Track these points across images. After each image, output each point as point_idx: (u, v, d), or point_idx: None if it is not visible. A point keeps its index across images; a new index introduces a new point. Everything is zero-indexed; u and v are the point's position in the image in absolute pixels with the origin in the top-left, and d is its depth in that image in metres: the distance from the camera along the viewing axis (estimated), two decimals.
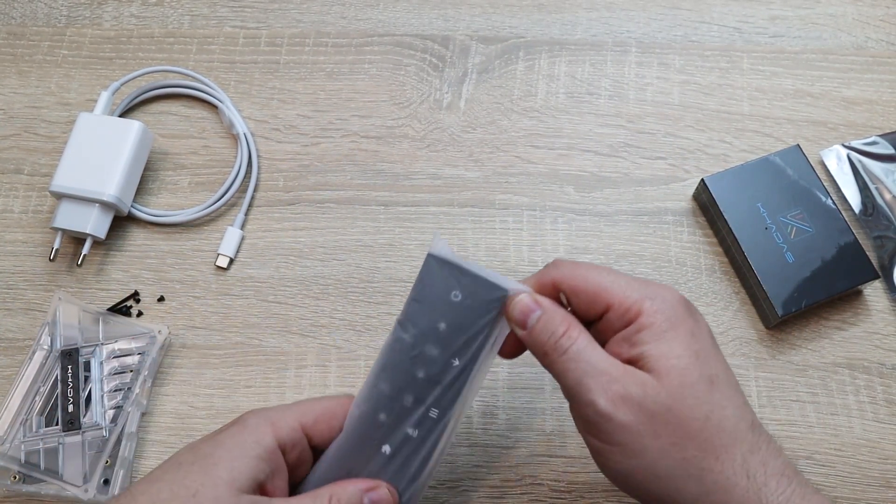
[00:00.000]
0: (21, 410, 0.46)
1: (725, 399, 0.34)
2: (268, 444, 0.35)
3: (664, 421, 0.33)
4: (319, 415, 0.37)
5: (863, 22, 0.58)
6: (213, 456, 0.34)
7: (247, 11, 0.59)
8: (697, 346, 0.34)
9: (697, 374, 0.34)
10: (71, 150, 0.50)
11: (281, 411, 0.36)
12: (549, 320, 0.35)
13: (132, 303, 0.50)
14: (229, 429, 0.35)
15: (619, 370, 0.34)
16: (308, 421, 0.36)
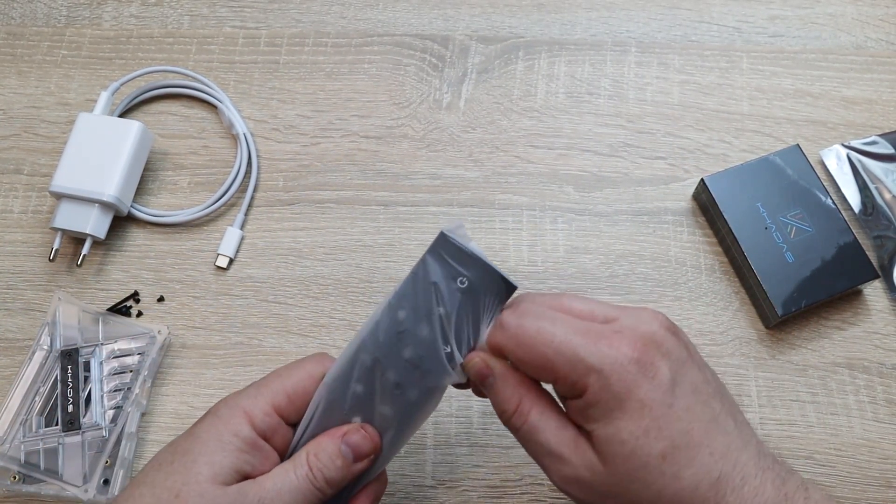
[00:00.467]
0: (21, 410, 0.46)
1: (682, 467, 0.32)
2: (245, 434, 0.34)
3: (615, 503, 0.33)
4: (291, 394, 0.36)
5: (862, 21, 0.58)
6: (191, 453, 0.34)
7: (246, 11, 0.59)
8: (648, 419, 0.32)
9: (646, 453, 0.32)
10: (70, 150, 0.50)
11: (252, 398, 0.35)
12: (500, 392, 0.34)
13: (132, 303, 0.50)
14: (204, 422, 0.35)
15: (570, 449, 0.33)
16: (281, 402, 0.36)
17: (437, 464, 0.46)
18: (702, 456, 0.33)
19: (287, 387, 0.36)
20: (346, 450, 0.35)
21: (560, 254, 0.51)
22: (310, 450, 0.35)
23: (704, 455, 0.33)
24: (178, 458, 0.34)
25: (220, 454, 0.33)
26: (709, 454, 0.33)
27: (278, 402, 0.36)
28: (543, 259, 0.51)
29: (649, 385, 0.32)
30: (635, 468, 0.32)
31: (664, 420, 0.32)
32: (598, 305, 0.35)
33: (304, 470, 0.34)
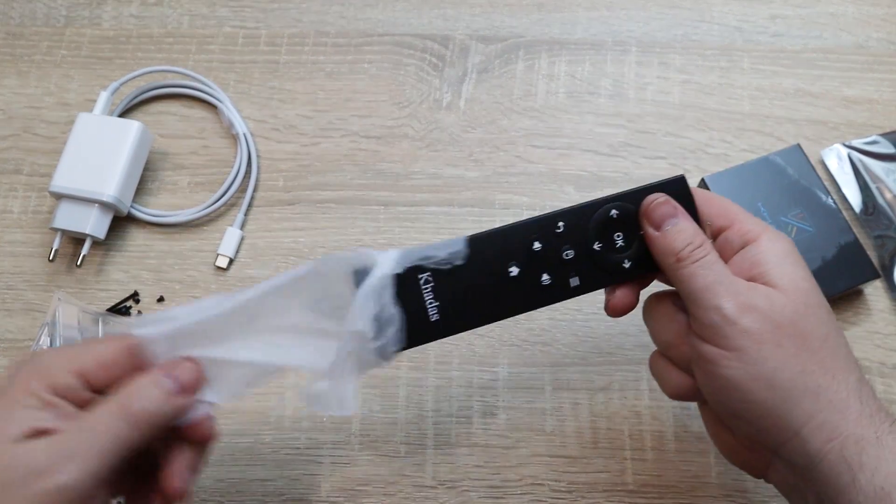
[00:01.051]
0: None
1: (840, 329, 0.35)
2: (41, 394, 0.31)
3: (788, 333, 0.34)
4: (97, 363, 0.33)
5: (863, 21, 0.58)
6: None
7: (246, 11, 0.59)
8: (814, 280, 0.36)
9: (818, 298, 0.35)
10: (70, 150, 0.50)
11: (52, 358, 0.33)
12: (686, 229, 0.36)
13: (132, 303, 0.50)
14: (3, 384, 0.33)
15: (746, 285, 0.35)
16: (86, 367, 0.33)
17: (437, 464, 0.46)
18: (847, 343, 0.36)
19: (92, 354, 0.33)
20: (168, 381, 0.33)
21: None
22: (125, 396, 0.32)
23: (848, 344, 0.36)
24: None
25: (12, 412, 0.31)
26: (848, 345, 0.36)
27: (83, 367, 0.33)
28: None
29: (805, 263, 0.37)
30: (813, 304, 0.35)
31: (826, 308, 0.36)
32: None
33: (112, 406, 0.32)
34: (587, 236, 0.38)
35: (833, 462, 0.33)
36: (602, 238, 0.38)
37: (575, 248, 0.37)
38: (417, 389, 0.48)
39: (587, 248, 0.38)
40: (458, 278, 0.37)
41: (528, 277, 0.37)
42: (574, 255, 0.37)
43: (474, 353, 0.49)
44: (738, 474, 0.45)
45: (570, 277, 0.38)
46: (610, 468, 0.46)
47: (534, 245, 0.37)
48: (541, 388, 0.48)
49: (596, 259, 0.38)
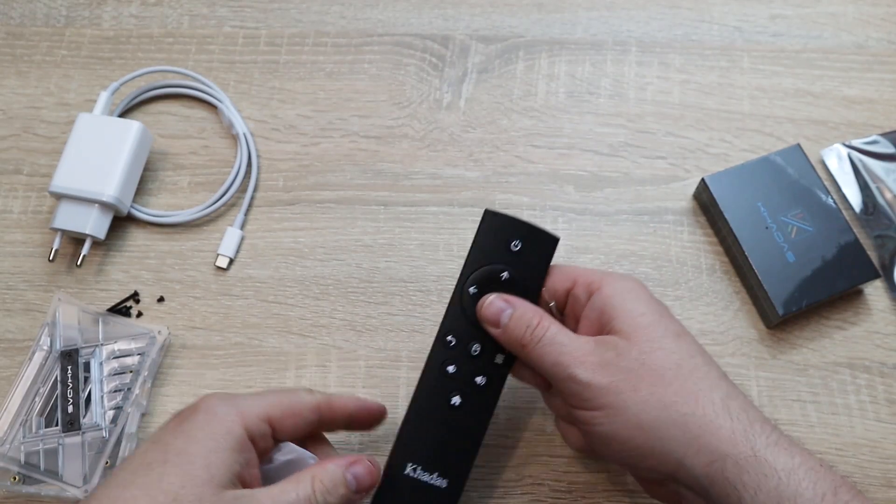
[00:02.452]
0: (21, 411, 0.46)
1: (693, 350, 0.37)
2: (238, 434, 0.34)
3: (639, 375, 0.35)
4: (286, 410, 0.36)
5: (863, 21, 0.58)
6: (186, 453, 0.32)
7: (246, 11, 0.59)
8: (659, 308, 0.38)
9: (663, 328, 0.37)
10: (70, 150, 0.50)
11: (249, 400, 0.36)
12: (522, 315, 0.38)
13: (132, 303, 0.50)
14: (195, 418, 0.34)
15: (591, 344, 0.37)
16: (275, 414, 0.36)
17: None
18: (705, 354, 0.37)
19: (284, 402, 0.37)
20: (350, 479, 0.36)
21: (560, 254, 0.51)
22: (315, 473, 0.35)
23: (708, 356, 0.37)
24: (171, 457, 0.32)
25: (217, 455, 0.33)
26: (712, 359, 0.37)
27: (273, 414, 0.36)
28: None
29: (653, 297, 0.39)
30: (657, 337, 0.36)
31: (671, 317, 0.38)
32: None
33: (308, 491, 0.34)
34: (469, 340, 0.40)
35: (720, 485, 0.34)
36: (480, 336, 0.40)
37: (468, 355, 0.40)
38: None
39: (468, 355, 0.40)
40: (427, 443, 0.40)
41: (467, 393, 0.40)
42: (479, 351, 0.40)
43: None
44: None
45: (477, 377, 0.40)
46: (610, 468, 0.46)
47: (448, 369, 0.40)
48: None
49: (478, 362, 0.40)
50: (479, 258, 0.40)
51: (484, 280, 0.40)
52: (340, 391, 0.48)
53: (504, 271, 0.40)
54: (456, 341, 0.40)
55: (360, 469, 0.36)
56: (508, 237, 0.40)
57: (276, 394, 0.37)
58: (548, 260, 0.41)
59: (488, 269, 0.40)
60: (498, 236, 0.40)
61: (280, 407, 0.36)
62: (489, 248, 0.40)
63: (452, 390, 0.40)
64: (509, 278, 0.40)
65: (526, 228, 0.40)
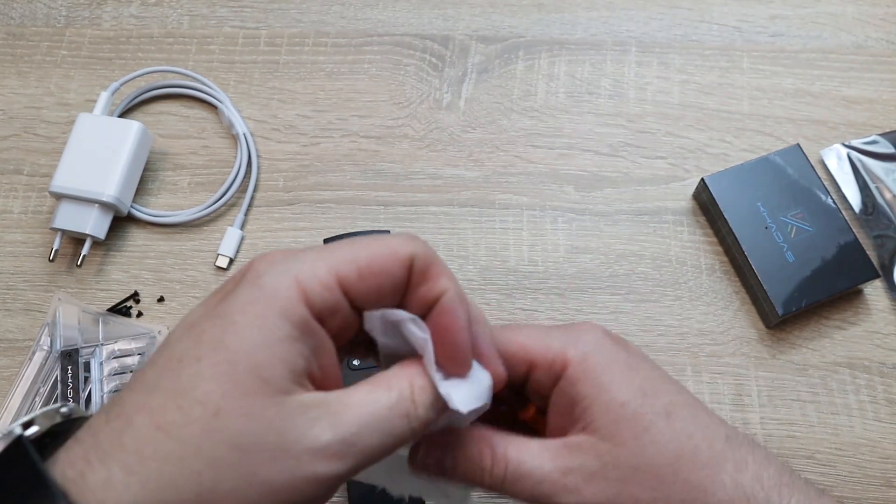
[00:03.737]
0: (21, 411, 0.46)
1: (689, 425, 0.30)
2: (299, 316, 0.24)
3: (636, 481, 0.29)
4: (363, 267, 0.26)
5: (863, 21, 0.58)
6: (225, 347, 0.23)
7: (246, 11, 0.59)
8: (640, 379, 0.30)
9: (650, 414, 0.29)
10: (70, 150, 0.50)
11: (311, 260, 0.25)
12: (467, 456, 0.29)
13: (132, 303, 0.50)
14: (237, 295, 0.24)
15: (565, 455, 0.29)
16: (349, 274, 0.25)
17: None
18: (701, 415, 0.30)
19: (360, 257, 0.26)
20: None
21: (560, 254, 0.51)
22: (411, 375, 0.26)
23: (705, 416, 0.30)
24: (205, 352, 0.23)
25: (268, 349, 0.23)
26: (710, 417, 0.31)
27: (345, 274, 0.25)
28: (544, 259, 0.51)
29: (629, 355, 0.31)
30: (645, 429, 0.29)
31: (656, 381, 0.30)
32: None
33: (405, 394, 0.25)
34: None
35: None
36: None
37: None
38: None
39: None
40: None
41: None
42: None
43: None
44: None
45: None
46: None
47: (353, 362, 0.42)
48: None
49: None
50: None
51: None
52: None
53: None
54: None
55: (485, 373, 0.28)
56: None
57: (350, 246, 0.26)
58: None
59: None
60: None
61: (354, 263, 0.25)
62: None
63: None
64: None
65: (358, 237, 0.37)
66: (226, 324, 0.24)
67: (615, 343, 0.31)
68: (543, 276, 0.51)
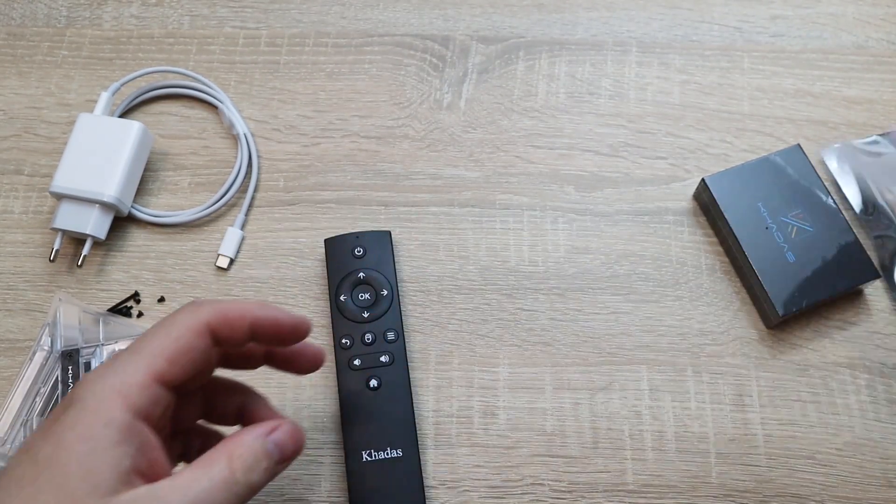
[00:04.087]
0: (21, 411, 0.46)
1: None
2: (121, 421, 0.27)
3: None
4: (170, 356, 0.29)
5: (864, 21, 0.58)
6: (58, 463, 0.26)
7: (247, 12, 0.59)
8: None
9: None
10: (71, 150, 0.50)
11: (122, 372, 0.28)
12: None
13: (132, 303, 0.50)
14: (65, 417, 0.27)
15: None
16: (162, 367, 0.29)
17: (438, 464, 0.46)
18: None
19: (165, 347, 0.29)
20: (272, 448, 0.30)
21: (561, 254, 0.51)
22: (231, 449, 0.29)
23: None
24: (41, 471, 0.26)
25: (96, 457, 0.26)
26: None
27: (157, 369, 0.29)
28: (544, 259, 0.51)
29: None
30: None
31: None
32: None
33: (224, 473, 0.28)
34: (360, 333, 0.47)
35: None
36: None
37: (364, 344, 0.47)
38: (417, 389, 0.48)
39: (364, 344, 0.47)
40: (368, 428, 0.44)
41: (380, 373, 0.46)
42: (372, 338, 0.47)
43: (474, 353, 0.49)
44: (739, 474, 0.45)
45: (381, 357, 0.46)
46: (610, 468, 0.46)
47: (355, 363, 0.46)
48: (541, 388, 0.48)
49: (375, 346, 0.47)
50: (336, 273, 0.48)
51: (348, 286, 0.48)
52: None
53: (359, 272, 0.48)
54: (350, 341, 0.46)
55: (280, 435, 0.31)
56: (350, 248, 0.49)
57: (158, 336, 0.30)
58: (389, 247, 0.49)
59: (347, 279, 0.48)
60: (342, 252, 0.49)
61: (164, 356, 0.29)
62: (339, 263, 0.48)
63: (367, 377, 0.45)
64: (365, 275, 0.48)
65: (361, 236, 0.49)
66: (57, 441, 0.27)
67: None
68: (544, 276, 0.51)
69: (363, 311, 0.47)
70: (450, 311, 0.50)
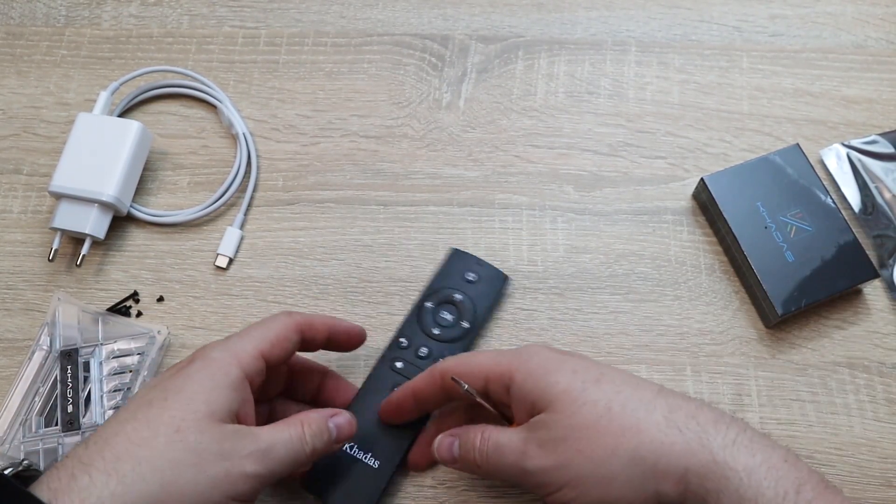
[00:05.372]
0: (20, 411, 0.46)
1: (618, 385, 0.37)
2: (235, 375, 0.36)
3: (576, 438, 0.35)
4: (274, 340, 0.39)
5: (862, 21, 0.58)
6: (185, 391, 0.34)
7: (246, 11, 0.59)
8: (572, 363, 0.38)
9: (580, 383, 0.37)
10: (70, 150, 0.50)
11: (242, 343, 0.38)
12: (465, 440, 0.39)
13: (131, 303, 0.50)
14: (193, 364, 0.36)
15: (524, 431, 0.37)
16: (266, 347, 0.38)
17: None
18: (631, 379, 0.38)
19: (270, 334, 0.39)
20: (332, 427, 0.39)
21: (560, 253, 0.51)
22: (303, 418, 0.38)
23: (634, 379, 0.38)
24: (171, 395, 0.34)
25: (216, 392, 0.35)
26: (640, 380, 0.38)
27: (264, 347, 0.38)
28: (543, 259, 0.51)
29: (563, 354, 0.39)
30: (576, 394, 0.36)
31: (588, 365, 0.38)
32: None
33: (298, 431, 0.37)
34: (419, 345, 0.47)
35: (692, 499, 0.34)
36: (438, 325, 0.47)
37: (415, 355, 0.46)
38: None
39: (415, 355, 0.46)
40: (366, 426, 0.44)
41: None
42: (426, 354, 0.46)
43: None
44: None
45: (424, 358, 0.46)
46: None
47: (396, 365, 0.46)
48: None
49: (423, 363, 0.46)
50: (439, 283, 0.48)
51: (440, 299, 0.47)
52: None
53: (458, 293, 0.47)
54: (407, 343, 0.46)
55: (341, 420, 0.39)
56: (466, 269, 0.48)
57: (263, 327, 0.39)
58: (498, 290, 0.48)
59: (445, 291, 0.47)
60: (458, 268, 0.48)
61: (269, 340, 0.39)
62: (449, 276, 0.48)
63: (396, 383, 0.44)
64: (461, 299, 0.47)
65: (482, 265, 0.48)
66: (185, 377, 0.35)
67: (551, 350, 0.39)
68: (543, 275, 0.51)
69: (436, 326, 0.47)
70: None
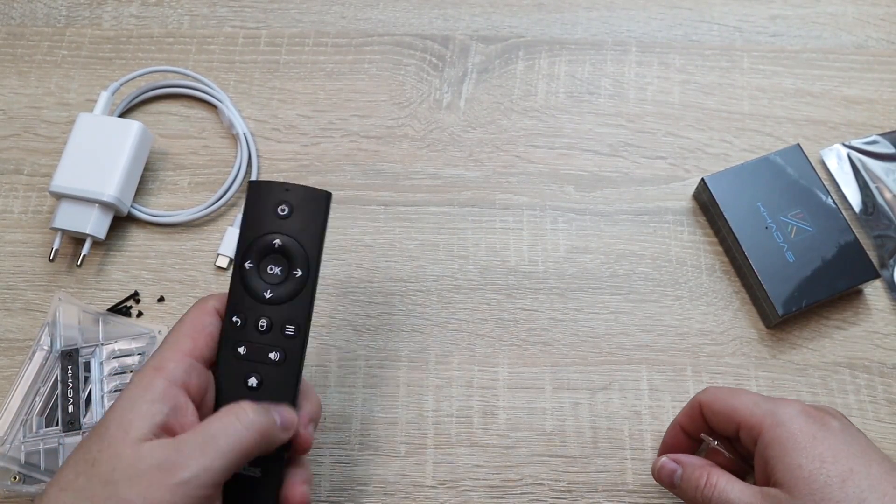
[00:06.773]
0: (21, 411, 0.46)
1: (863, 489, 0.36)
2: (158, 386, 0.34)
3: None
4: (192, 333, 0.37)
5: (863, 21, 0.58)
6: (104, 422, 0.34)
7: (246, 11, 0.59)
8: (822, 448, 0.37)
9: (824, 478, 0.36)
10: (70, 150, 0.50)
11: (161, 352, 0.36)
12: (690, 475, 0.40)
13: (132, 303, 0.50)
14: (122, 391, 0.35)
15: (758, 496, 0.37)
16: (186, 345, 0.36)
17: (438, 464, 0.46)
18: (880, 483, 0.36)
19: (185, 329, 0.37)
20: (274, 412, 0.36)
21: (560, 253, 0.51)
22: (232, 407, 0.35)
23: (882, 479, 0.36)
24: (95, 429, 0.34)
25: (130, 411, 0.33)
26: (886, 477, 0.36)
27: (184, 346, 0.36)
28: (544, 259, 0.51)
29: (820, 428, 0.38)
30: (818, 488, 0.36)
31: (839, 452, 0.37)
32: None
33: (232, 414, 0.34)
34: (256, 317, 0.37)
35: None
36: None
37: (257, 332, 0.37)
38: (417, 389, 0.48)
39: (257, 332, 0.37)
40: None
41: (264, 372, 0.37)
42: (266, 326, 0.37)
43: (474, 353, 0.49)
44: None
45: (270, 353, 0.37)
46: (610, 468, 0.46)
47: (239, 350, 0.37)
48: (541, 388, 0.48)
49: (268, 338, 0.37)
50: (249, 232, 0.38)
51: (258, 252, 0.38)
52: (341, 391, 0.48)
53: (275, 237, 0.37)
54: (242, 321, 0.37)
55: (280, 408, 0.36)
56: (275, 203, 0.37)
57: (178, 326, 0.37)
58: (322, 213, 0.38)
59: (259, 241, 0.38)
60: (265, 205, 0.38)
61: (187, 336, 0.36)
62: (258, 219, 0.38)
63: (248, 372, 0.37)
64: (281, 245, 0.37)
65: (291, 190, 0.37)
66: (111, 411, 0.34)
67: (808, 416, 0.38)
68: (543, 275, 0.51)
69: (267, 288, 0.37)
70: (449, 311, 0.50)
